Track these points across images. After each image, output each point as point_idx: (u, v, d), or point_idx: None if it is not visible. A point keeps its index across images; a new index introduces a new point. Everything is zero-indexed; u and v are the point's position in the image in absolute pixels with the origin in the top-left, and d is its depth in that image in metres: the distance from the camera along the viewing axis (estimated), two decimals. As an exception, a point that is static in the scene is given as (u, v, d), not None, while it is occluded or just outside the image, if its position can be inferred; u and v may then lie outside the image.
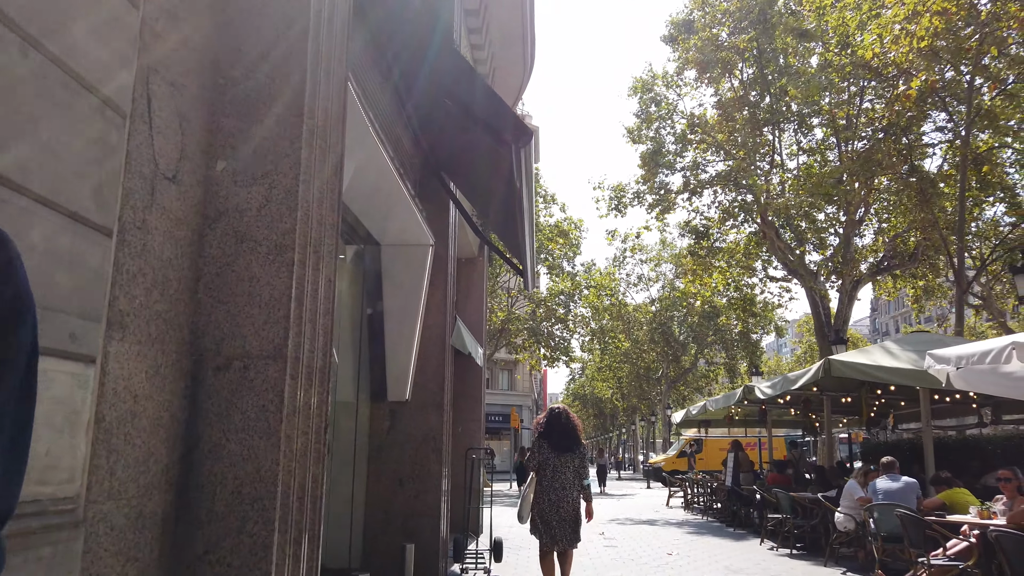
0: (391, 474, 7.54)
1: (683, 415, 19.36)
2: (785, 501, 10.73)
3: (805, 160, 23.10)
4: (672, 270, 48.71)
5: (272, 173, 3.11)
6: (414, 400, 7.64)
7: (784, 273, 25.82)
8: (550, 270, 31.72)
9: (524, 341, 32.86)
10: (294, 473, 3.03)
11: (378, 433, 7.62)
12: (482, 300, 12.45)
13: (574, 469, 6.45)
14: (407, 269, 7.34)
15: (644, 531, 13.39)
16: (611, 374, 55.84)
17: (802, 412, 15.46)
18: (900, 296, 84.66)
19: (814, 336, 55.74)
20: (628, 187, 23.10)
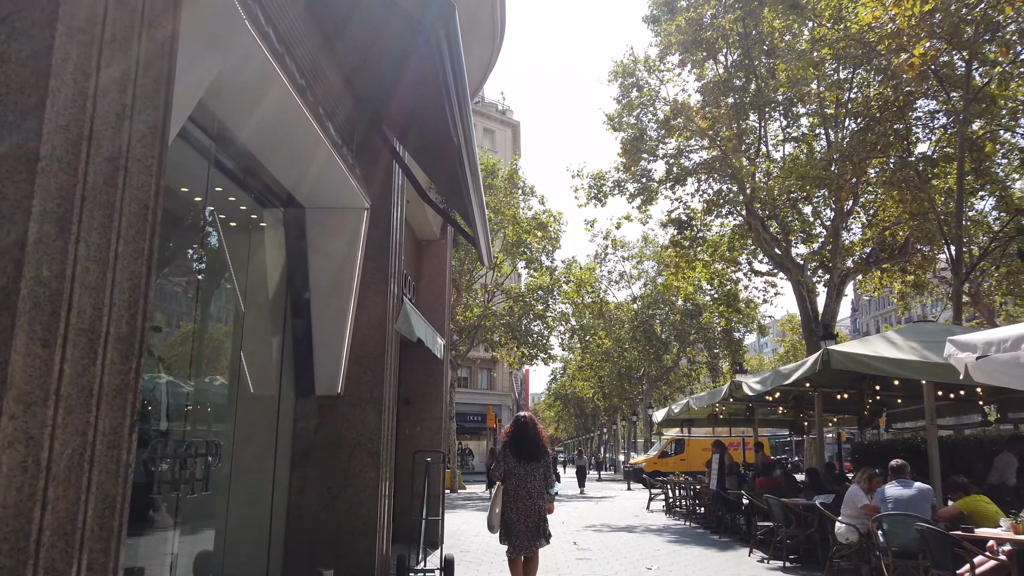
0: (318, 483, 6.36)
1: (665, 414, 18.30)
2: (777, 508, 9.66)
3: (791, 151, 22.19)
4: (654, 267, 47.89)
5: (13, 16, 1.94)
6: (348, 395, 6.47)
7: (769, 267, 24.95)
8: (528, 264, 30.57)
9: (501, 338, 31.70)
10: (43, 498, 1.85)
11: (304, 434, 6.43)
12: (444, 287, 11.29)
13: (540, 477, 6.37)
14: (336, 237, 6.16)
15: (622, 540, 12.28)
16: (592, 373, 54.83)
17: (794, 409, 14.44)
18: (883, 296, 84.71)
19: (797, 335, 55.31)
20: (608, 175, 22.02)
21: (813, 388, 12.09)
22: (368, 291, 6.62)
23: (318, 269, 6.19)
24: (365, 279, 6.57)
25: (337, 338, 6.30)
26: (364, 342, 6.57)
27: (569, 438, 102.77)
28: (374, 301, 6.63)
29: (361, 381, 6.52)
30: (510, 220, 29.28)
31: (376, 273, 6.65)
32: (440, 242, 11.33)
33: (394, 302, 6.99)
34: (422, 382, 10.95)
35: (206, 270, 5.64)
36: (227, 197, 5.56)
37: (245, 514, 5.88)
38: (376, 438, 6.43)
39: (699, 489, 15.42)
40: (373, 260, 6.65)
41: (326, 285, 6.22)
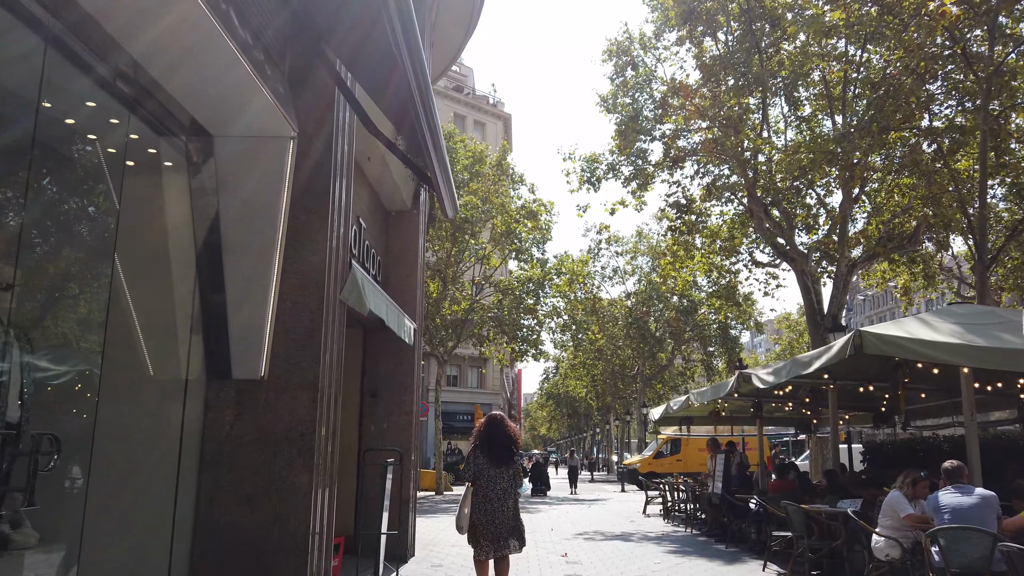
0: (235, 489, 5.01)
1: (663, 411, 16.99)
2: (797, 517, 8.33)
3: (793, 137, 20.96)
4: (648, 263, 46.67)
5: None
6: (275, 378, 5.13)
7: (770, 258, 23.74)
8: (518, 255, 29.22)
9: (490, 332, 30.35)
10: None
11: (216, 427, 5.09)
12: (416, 264, 9.94)
13: (509, 478, 6.29)
14: (253, 174, 4.81)
15: (617, 550, 10.95)
16: (585, 371, 53.58)
17: (811, 405, 13.16)
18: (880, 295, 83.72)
19: (794, 332, 54.13)
20: (602, 157, 20.69)
21: (832, 380, 10.79)
22: (300, 247, 5.27)
23: (231, 216, 4.84)
24: (296, 232, 5.22)
25: (258, 305, 4.96)
26: (295, 312, 5.22)
27: (561, 438, 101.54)
28: (308, 260, 5.28)
29: (291, 361, 5.17)
30: (499, 209, 27.94)
31: (311, 225, 5.30)
32: (411, 213, 9.98)
33: (338, 265, 5.64)
34: (389, 372, 9.60)
35: (83, 216, 4.31)
36: (110, 123, 4.23)
37: (131, 531, 4.53)
38: (309, 432, 5.08)
39: (701, 493, 14.10)
40: (307, 209, 5.30)
41: (242, 236, 4.87)
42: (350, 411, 9.41)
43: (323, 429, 5.24)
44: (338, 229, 5.60)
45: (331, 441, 5.47)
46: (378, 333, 9.49)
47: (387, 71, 4.64)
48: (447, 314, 28.98)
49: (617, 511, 18.60)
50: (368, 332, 9.64)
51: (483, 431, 6.40)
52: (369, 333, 9.63)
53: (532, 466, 29.30)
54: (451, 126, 30.67)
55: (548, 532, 13.19)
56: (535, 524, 14.70)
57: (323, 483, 5.23)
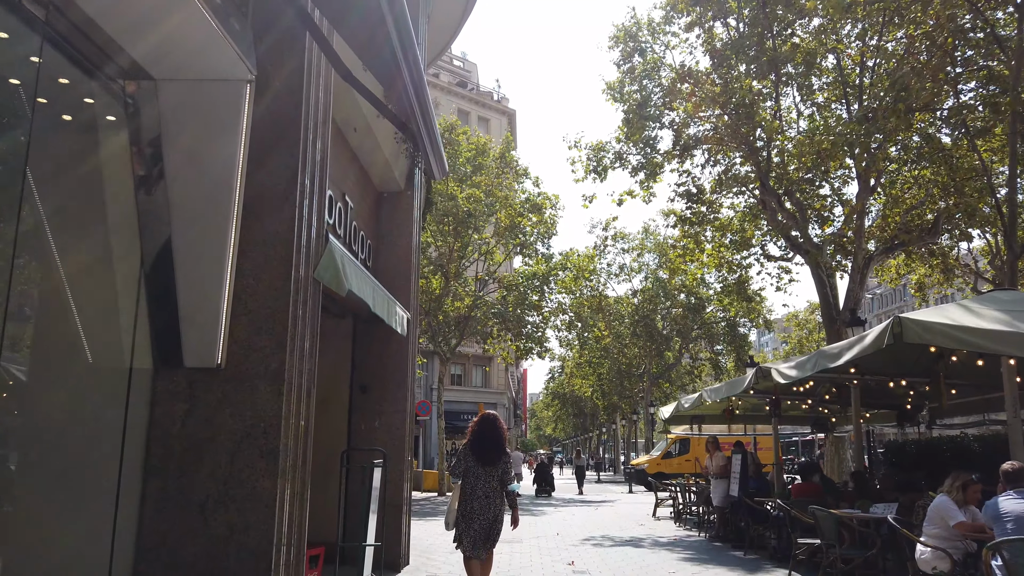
0: (186, 495, 4.29)
1: (673, 409, 16.24)
2: (828, 523, 7.57)
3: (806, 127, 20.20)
4: (655, 260, 45.95)
5: None
6: (233, 367, 4.41)
7: (783, 251, 22.99)
8: (522, 249, 28.47)
9: (493, 329, 29.62)
10: None
11: (165, 424, 4.36)
12: (411, 250, 9.20)
13: (498, 478, 6.29)
14: (204, 127, 4.09)
15: (627, 557, 10.21)
16: (591, 370, 52.80)
17: (830, 402, 12.41)
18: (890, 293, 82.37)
19: (803, 330, 53.23)
20: (609, 146, 19.93)
21: (859, 374, 10.03)
22: (263, 214, 4.54)
23: (179, 175, 4.12)
24: (258, 196, 4.50)
25: (212, 281, 4.24)
26: (258, 290, 4.50)
27: (567, 438, 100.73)
28: (272, 230, 4.55)
29: (253, 347, 4.44)
30: (502, 203, 27.20)
31: (275, 188, 4.57)
32: (405, 195, 9.24)
33: (310, 238, 4.91)
34: (380, 365, 8.87)
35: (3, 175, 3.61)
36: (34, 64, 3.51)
37: (64, 544, 3.82)
38: (274, 430, 4.36)
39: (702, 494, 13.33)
40: (271, 171, 4.57)
41: (192, 199, 4.16)
42: (338, 408, 8.71)
43: (291, 426, 4.51)
44: (310, 196, 4.87)
45: (303, 440, 4.74)
46: (369, 324, 8.79)
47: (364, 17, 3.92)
48: (450, 311, 28.26)
49: (625, 513, 17.85)
50: (358, 323, 8.93)
51: (476, 429, 6.42)
52: (359, 324, 8.93)
53: (536, 466, 28.57)
54: (453, 118, 29.93)
55: (554, 537, 12.45)
56: (540, 528, 13.96)
57: (291, 489, 4.51)
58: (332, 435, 8.49)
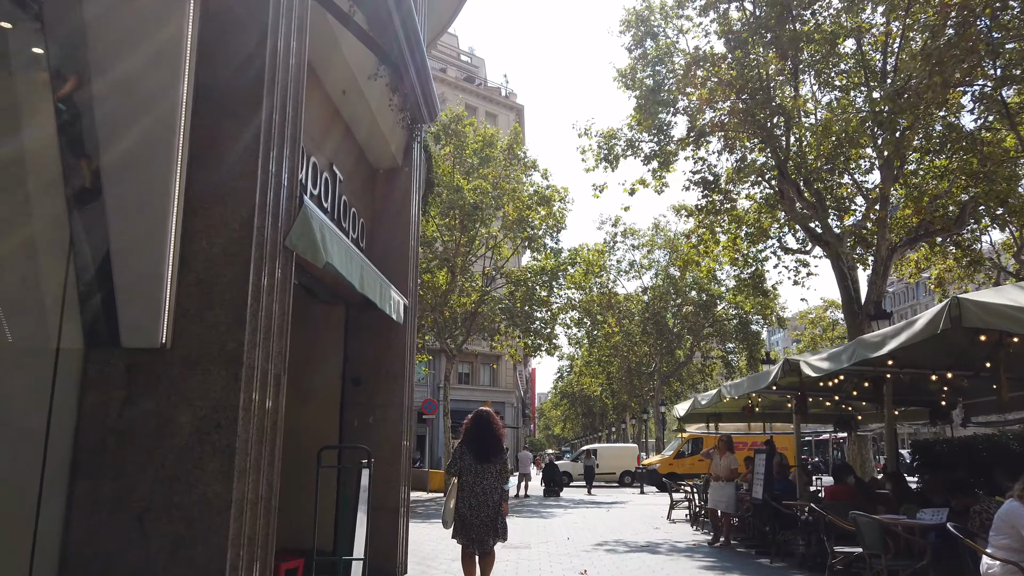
0: (121, 502, 3.54)
1: (689, 407, 15.41)
2: (870, 530, 6.77)
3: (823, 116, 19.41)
4: (666, 256, 45.16)
5: None
6: (182, 347, 3.66)
7: (800, 244, 22.21)
8: (530, 244, 27.70)
9: (500, 325, 28.87)
10: None
11: (98, 415, 3.62)
12: (409, 232, 8.44)
13: (495, 475, 6.34)
14: (139, 49, 3.34)
15: (644, 565, 9.44)
16: (600, 369, 52.02)
17: (866, 396, 11.60)
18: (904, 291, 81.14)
19: (817, 328, 52.26)
20: (620, 133, 19.14)
21: (899, 367, 9.22)
22: (218, 165, 3.79)
23: (110, 111, 3.38)
24: (211, 141, 3.76)
25: (154, 243, 3.50)
26: (211, 256, 3.75)
27: (576, 438, 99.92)
28: (229, 185, 3.80)
29: (204, 323, 3.70)
30: (510, 196, 26.43)
31: (232, 133, 3.82)
32: (403, 171, 8.49)
33: (280, 199, 4.15)
34: (375, 356, 8.13)
35: None
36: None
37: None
38: (229, 422, 3.61)
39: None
40: (228, 111, 3.82)
41: (127, 142, 3.41)
42: (329, 402, 7.97)
43: (252, 418, 3.76)
44: (280, 149, 4.12)
45: (270, 436, 3.99)
46: (363, 312, 8.05)
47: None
48: (456, 307, 27.54)
49: (639, 516, 17.06)
50: (351, 310, 8.19)
51: (470, 427, 6.54)
52: (352, 311, 8.19)
53: (545, 466, 27.82)
54: (460, 109, 29.19)
55: (564, 542, 11.69)
56: (549, 531, 13.20)
57: (252, 494, 3.76)
58: (321, 432, 7.76)
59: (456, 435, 32.25)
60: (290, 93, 4.24)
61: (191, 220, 3.68)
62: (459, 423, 7.34)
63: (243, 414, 3.67)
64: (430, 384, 42.77)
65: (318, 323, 8.09)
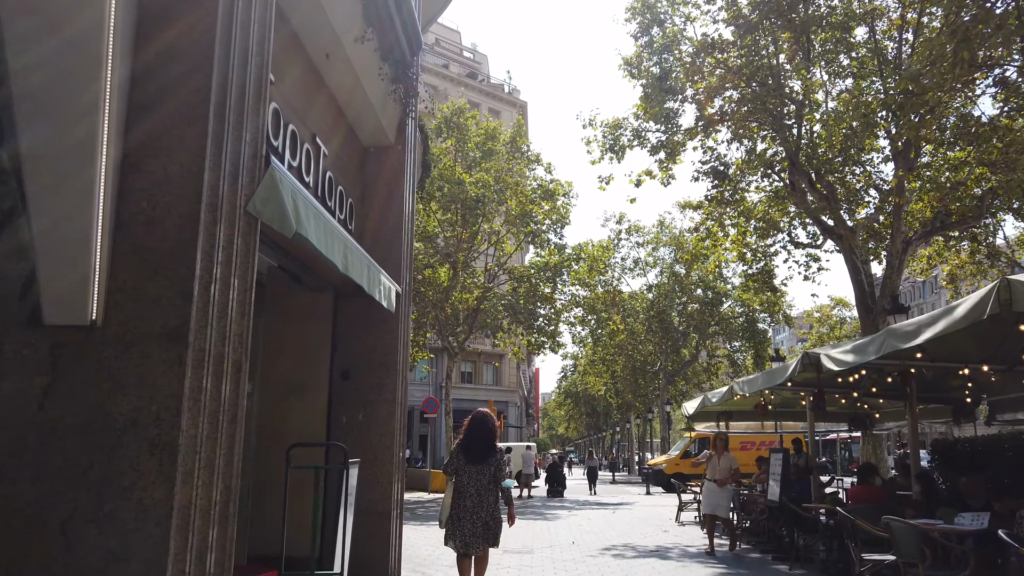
0: (42, 508, 2.97)
1: (698, 404, 14.81)
2: (907, 537, 6.16)
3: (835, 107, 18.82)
4: (671, 253, 44.56)
5: None
6: (116, 325, 3.08)
7: (810, 238, 21.61)
8: (534, 239, 27.11)
9: (503, 322, 28.29)
10: None
11: (16, 405, 3.05)
12: (403, 215, 7.87)
13: (490, 476, 6.22)
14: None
15: (655, 572, 8.85)
16: (605, 368, 51.36)
17: (895, 390, 11.00)
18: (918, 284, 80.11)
19: (824, 327, 51.55)
20: (626, 123, 18.53)
21: (929, 359, 8.61)
22: (159, 110, 3.22)
23: (23, 43, 2.81)
24: (153, 85, 3.18)
25: (80, 200, 2.92)
26: (153, 216, 3.17)
27: (580, 438, 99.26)
28: (176, 133, 3.22)
29: (143, 296, 3.12)
30: (513, 190, 25.84)
31: (176, 76, 3.24)
32: (395, 149, 7.91)
33: (239, 151, 3.57)
34: (366, 348, 7.55)
35: None
36: None
37: None
38: (170, 415, 3.03)
39: (746, 498, 11.91)
40: (176, 49, 3.24)
41: (45, 79, 2.84)
42: (316, 397, 7.41)
43: (202, 410, 3.18)
44: (241, 98, 3.54)
45: (227, 433, 3.41)
46: (353, 300, 7.49)
47: None
48: (458, 304, 26.97)
49: (646, 518, 16.47)
50: (340, 299, 7.62)
51: (466, 427, 6.51)
52: (341, 300, 7.62)
53: (548, 466, 27.24)
54: (462, 101, 28.61)
55: (569, 546, 11.10)
56: (553, 535, 12.62)
57: (201, 500, 3.18)
58: (306, 429, 7.19)
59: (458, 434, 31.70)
60: (254, 34, 3.66)
61: (129, 175, 3.11)
62: (462, 423, 6.65)
63: (190, 404, 3.09)
64: (433, 383, 42.22)
65: (304, 312, 7.53)
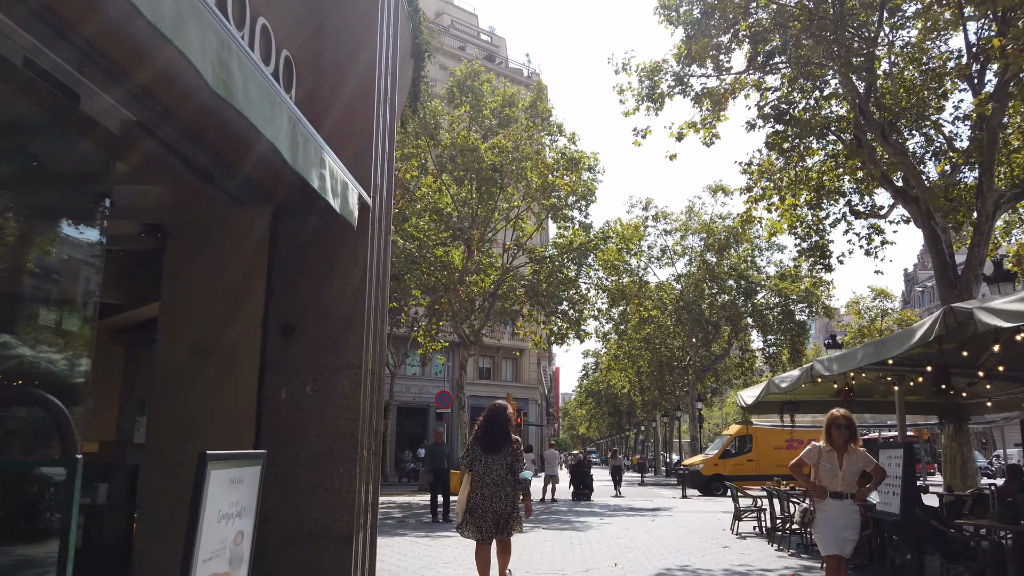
0: None
1: (761, 391, 12.15)
2: None
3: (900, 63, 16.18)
4: (701, 242, 41.80)
5: None
6: None
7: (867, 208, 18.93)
8: (556, 213, 24.50)
9: (523, 307, 25.70)
10: None
11: None
12: (372, 87, 5.30)
13: (506, 466, 6.27)
14: None
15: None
16: (629, 363, 48.60)
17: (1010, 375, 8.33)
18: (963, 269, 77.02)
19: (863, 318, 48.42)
20: (666, 66, 15.87)
21: None
22: None
23: None
24: None
25: None
26: None
27: (601, 438, 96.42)
28: None
29: None
30: (533, 161, 23.20)
31: None
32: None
33: None
34: (317, 289, 5.00)
35: None
36: None
37: None
38: None
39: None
40: None
41: None
42: (241, 363, 4.88)
43: None
44: None
45: None
46: (300, 218, 4.97)
47: None
48: (473, 288, 24.43)
49: (693, 528, 13.80)
50: (282, 219, 5.09)
51: (482, 419, 6.50)
52: (283, 220, 5.09)
53: (573, 466, 24.63)
54: (477, 64, 26.08)
55: (611, 570, 8.50)
56: (588, 553, 10.02)
57: None
58: (227, 409, 4.71)
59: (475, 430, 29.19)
60: None
61: None
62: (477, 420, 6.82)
63: None
64: (450, 379, 39.76)
65: (224, 237, 5.02)
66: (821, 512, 5.61)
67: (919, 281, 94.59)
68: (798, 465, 5.85)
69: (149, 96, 3.53)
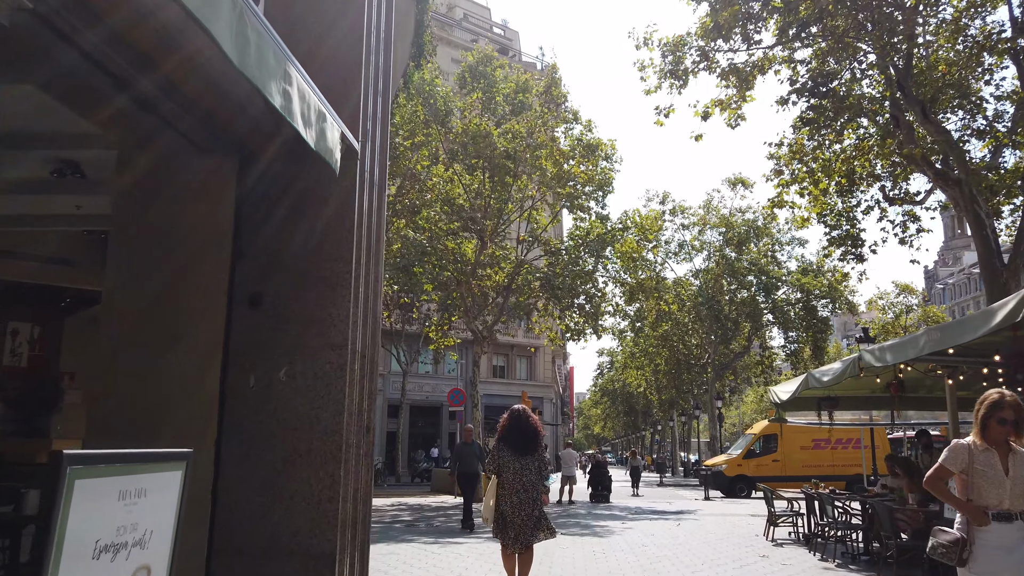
0: None
1: (798, 386, 11.18)
2: None
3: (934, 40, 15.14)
4: (719, 236, 40.71)
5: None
6: None
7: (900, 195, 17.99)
8: (571, 202, 23.54)
9: (538, 301, 24.75)
10: None
11: None
12: (363, 25, 4.42)
13: (536, 470, 6.27)
14: None
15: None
16: (646, 361, 47.56)
17: None
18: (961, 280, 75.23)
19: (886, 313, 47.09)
20: (691, 39, 14.89)
21: None
22: None
23: None
24: None
25: None
26: None
27: (616, 437, 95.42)
28: None
29: None
30: (548, 148, 22.26)
31: None
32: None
33: None
34: (292, 251, 4.09)
35: None
36: None
37: None
38: None
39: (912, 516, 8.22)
40: None
41: None
42: (202, 342, 3.98)
43: None
44: None
45: None
46: (271, 164, 4.08)
47: None
48: (486, 282, 23.53)
49: (723, 534, 12.82)
50: (251, 167, 4.18)
51: (506, 424, 6.43)
52: (251, 167, 4.17)
53: (592, 467, 23.69)
54: (489, 48, 25.18)
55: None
56: (614, 563, 9.07)
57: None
58: (181, 399, 3.82)
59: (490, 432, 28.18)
60: None
61: None
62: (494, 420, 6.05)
63: None
64: (464, 377, 38.90)
65: (181, 191, 4.12)
66: (982, 542, 3.76)
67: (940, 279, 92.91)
68: (938, 477, 3.99)
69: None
